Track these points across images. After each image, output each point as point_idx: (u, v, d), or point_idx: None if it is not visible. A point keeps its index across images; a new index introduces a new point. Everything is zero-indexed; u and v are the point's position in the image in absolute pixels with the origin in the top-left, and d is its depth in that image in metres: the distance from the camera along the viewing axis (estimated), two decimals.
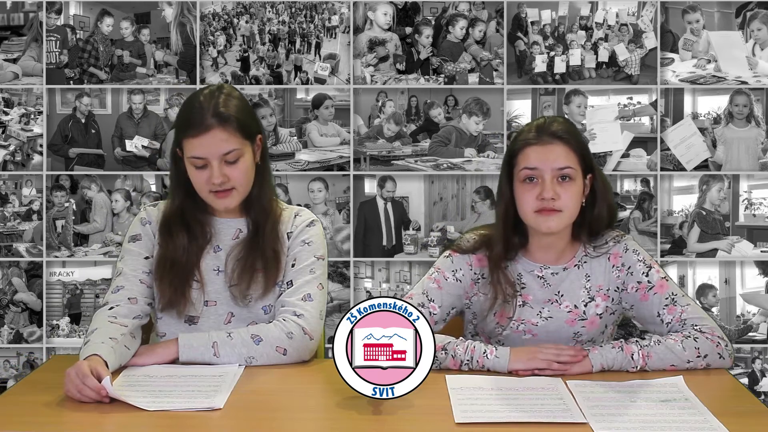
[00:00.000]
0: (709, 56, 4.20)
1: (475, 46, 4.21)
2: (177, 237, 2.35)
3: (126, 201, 4.21)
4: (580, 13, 4.21)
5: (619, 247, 2.35)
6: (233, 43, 4.21)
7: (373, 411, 1.92)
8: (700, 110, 4.21)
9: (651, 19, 4.20)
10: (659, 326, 2.29)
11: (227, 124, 2.26)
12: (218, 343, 2.22)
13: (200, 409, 1.91)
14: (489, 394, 2.00)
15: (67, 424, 1.89)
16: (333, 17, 4.20)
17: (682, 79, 4.19)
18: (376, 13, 4.21)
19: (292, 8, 4.22)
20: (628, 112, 4.21)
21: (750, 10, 4.18)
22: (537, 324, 2.33)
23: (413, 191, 4.23)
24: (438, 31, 4.21)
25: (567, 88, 4.19)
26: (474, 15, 4.20)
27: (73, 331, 4.20)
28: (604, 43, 4.20)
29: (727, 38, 4.20)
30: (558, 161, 2.24)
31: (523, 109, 4.22)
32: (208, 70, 4.20)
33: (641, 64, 4.20)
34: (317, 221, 2.43)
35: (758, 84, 4.17)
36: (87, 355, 2.08)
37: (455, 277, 2.35)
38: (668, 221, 4.21)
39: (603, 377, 2.13)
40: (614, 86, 4.21)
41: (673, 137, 4.20)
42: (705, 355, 2.19)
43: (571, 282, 2.33)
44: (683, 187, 4.21)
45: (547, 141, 2.25)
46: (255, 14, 4.22)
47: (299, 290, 2.33)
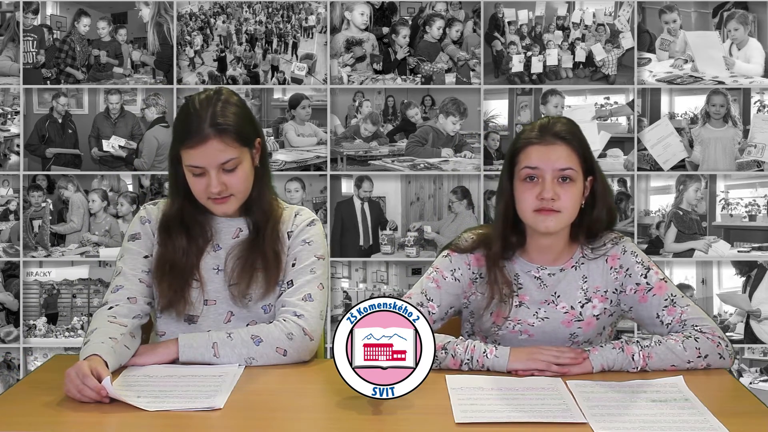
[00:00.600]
0: (686, 56, 4.20)
1: (452, 46, 4.21)
2: (176, 239, 2.34)
3: (103, 201, 4.21)
4: (557, 13, 4.22)
5: (617, 249, 2.34)
6: (210, 43, 4.21)
7: (373, 411, 1.91)
8: (677, 110, 4.21)
9: (628, 19, 4.20)
10: (659, 327, 2.28)
11: (225, 135, 2.23)
12: (218, 344, 2.21)
13: (200, 409, 1.91)
14: (489, 394, 2.00)
15: (67, 424, 1.88)
16: (310, 17, 4.20)
17: (659, 79, 4.19)
18: (353, 13, 4.21)
19: (269, 8, 4.22)
20: (605, 112, 4.22)
21: (727, 10, 4.18)
22: (533, 324, 2.32)
23: (390, 191, 4.23)
24: (415, 31, 4.21)
25: (544, 88, 4.20)
26: (451, 15, 4.21)
27: (50, 331, 4.20)
28: (581, 43, 4.21)
29: (704, 38, 4.20)
30: (559, 162, 2.23)
31: (500, 109, 4.22)
32: (185, 70, 4.20)
33: (618, 64, 4.20)
34: (317, 221, 2.42)
35: (735, 84, 4.17)
36: (87, 355, 2.08)
37: (453, 277, 2.35)
38: (645, 221, 4.21)
39: (603, 377, 2.13)
40: (591, 86, 4.21)
41: (650, 137, 4.20)
42: (706, 355, 2.19)
43: (567, 283, 2.33)
44: (660, 187, 4.21)
45: (549, 141, 2.24)
46: (232, 14, 4.22)
47: (299, 290, 2.32)
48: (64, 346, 4.20)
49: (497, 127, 4.22)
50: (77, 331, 4.19)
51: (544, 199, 2.21)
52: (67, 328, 4.20)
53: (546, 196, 2.21)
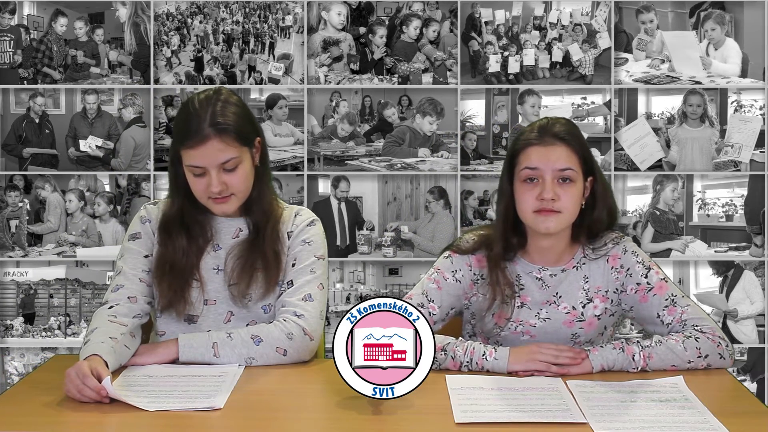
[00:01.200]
0: (663, 56, 4.20)
1: (429, 46, 4.21)
2: (176, 239, 2.34)
3: (80, 201, 4.21)
4: (533, 13, 4.21)
5: (618, 249, 2.34)
6: (187, 43, 4.21)
7: (373, 411, 1.92)
8: (654, 110, 4.21)
9: (605, 19, 4.20)
10: (659, 327, 2.29)
11: (224, 134, 2.23)
12: (218, 344, 2.21)
13: (200, 409, 1.91)
14: (489, 395, 2.00)
15: (67, 424, 1.89)
16: (287, 17, 4.20)
17: (636, 79, 4.19)
18: (330, 13, 4.21)
19: (246, 8, 4.22)
20: (582, 112, 4.22)
21: (704, 10, 4.18)
22: (535, 325, 2.33)
23: (367, 191, 4.23)
24: (392, 31, 4.21)
25: (521, 88, 4.19)
26: (428, 15, 4.21)
27: (27, 331, 4.20)
28: (558, 43, 4.21)
29: (681, 38, 4.20)
30: (559, 162, 2.23)
31: (477, 109, 4.22)
32: (162, 70, 4.20)
33: (595, 64, 4.20)
34: (317, 221, 2.42)
35: (712, 84, 4.17)
36: (87, 354, 2.08)
37: (455, 278, 2.35)
38: (622, 221, 4.21)
39: (603, 377, 2.13)
40: (568, 86, 4.21)
41: (627, 137, 4.20)
42: (706, 355, 2.19)
43: (569, 283, 2.33)
44: (637, 187, 4.22)
45: (549, 142, 2.24)
46: (209, 14, 4.22)
47: (300, 290, 2.32)
48: (41, 346, 4.20)
49: (474, 127, 4.22)
50: (54, 331, 4.19)
51: (544, 199, 2.22)
52: (44, 328, 4.20)
53: (546, 197, 2.21)
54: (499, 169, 4.10)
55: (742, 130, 4.14)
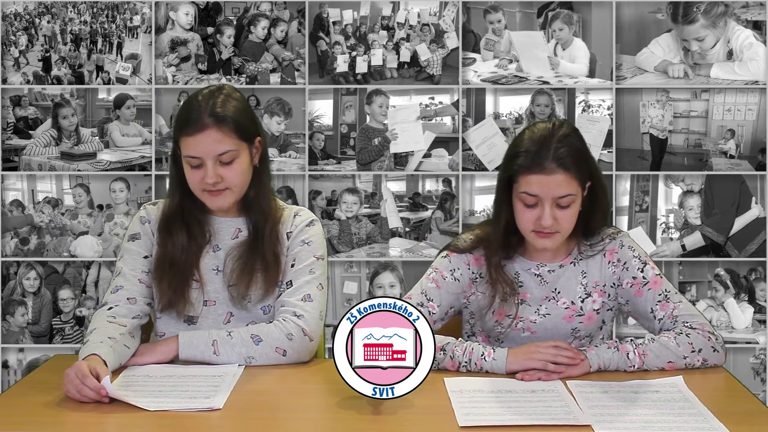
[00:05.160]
0: (510, 56, 4.20)
1: (277, 46, 4.21)
2: (176, 236, 2.35)
3: None
4: (381, 13, 4.21)
5: (615, 244, 2.38)
6: (35, 43, 4.21)
7: (373, 411, 1.92)
8: (502, 110, 4.21)
9: (453, 19, 4.20)
10: (652, 322, 2.33)
11: (223, 125, 2.26)
12: (218, 342, 2.23)
13: (200, 409, 1.91)
14: (489, 397, 2.01)
15: (67, 424, 1.89)
16: (135, 17, 4.20)
17: (483, 79, 4.19)
18: (177, 13, 4.21)
19: (93, 8, 4.22)
20: (429, 112, 4.21)
21: (552, 10, 4.18)
22: (535, 321, 2.36)
23: None
24: (240, 31, 4.21)
25: (369, 88, 4.19)
26: (276, 15, 4.21)
27: None
28: (406, 43, 4.20)
29: (528, 38, 4.20)
30: (559, 190, 2.22)
31: (325, 109, 4.22)
32: (10, 70, 4.20)
33: (443, 64, 4.20)
34: (317, 221, 2.44)
35: (560, 84, 4.17)
36: (86, 354, 2.09)
37: (453, 277, 2.37)
38: (470, 221, 4.21)
39: (603, 377, 2.15)
40: (416, 86, 4.21)
41: (475, 137, 4.20)
42: (699, 350, 2.23)
43: (567, 279, 2.36)
44: (485, 187, 4.21)
45: (550, 169, 2.21)
46: (57, 14, 4.22)
47: (299, 290, 2.33)
48: None
49: (322, 127, 4.22)
50: None
51: (543, 225, 2.24)
52: None
53: (545, 224, 2.23)
54: (347, 169, 4.16)
55: (590, 130, 4.14)
